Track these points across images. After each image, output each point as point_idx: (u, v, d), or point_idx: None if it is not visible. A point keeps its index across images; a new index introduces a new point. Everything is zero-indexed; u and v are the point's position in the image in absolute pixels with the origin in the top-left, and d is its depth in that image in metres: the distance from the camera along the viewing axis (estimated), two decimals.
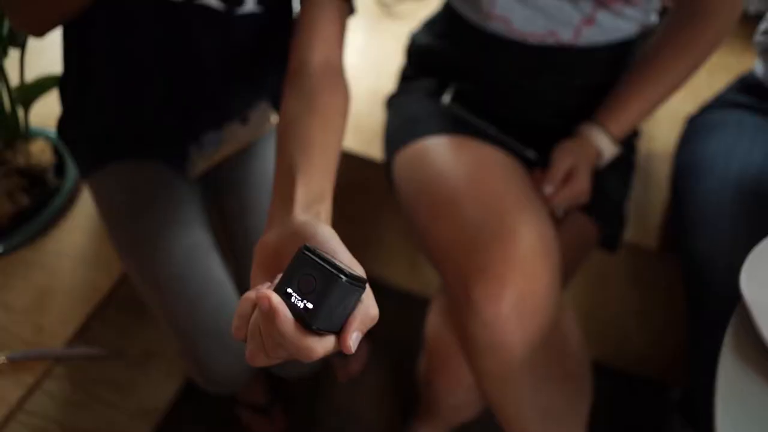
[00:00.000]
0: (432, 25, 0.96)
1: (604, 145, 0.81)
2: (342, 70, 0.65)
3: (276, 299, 0.32)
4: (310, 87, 0.58)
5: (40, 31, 0.64)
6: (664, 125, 1.19)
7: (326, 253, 0.36)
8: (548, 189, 0.77)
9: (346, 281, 0.33)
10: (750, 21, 1.64)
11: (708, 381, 0.53)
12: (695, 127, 0.98)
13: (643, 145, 1.16)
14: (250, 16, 0.73)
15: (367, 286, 0.35)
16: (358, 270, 0.37)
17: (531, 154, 0.84)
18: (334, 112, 0.58)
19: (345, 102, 0.61)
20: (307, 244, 0.35)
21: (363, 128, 1.11)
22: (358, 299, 0.35)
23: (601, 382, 0.90)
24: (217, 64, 0.78)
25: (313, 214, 0.44)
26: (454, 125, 0.83)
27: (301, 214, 0.43)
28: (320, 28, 0.63)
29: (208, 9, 0.70)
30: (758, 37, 0.83)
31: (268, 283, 0.38)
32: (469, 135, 0.81)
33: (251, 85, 0.85)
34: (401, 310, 1.24)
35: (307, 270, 0.33)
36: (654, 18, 0.85)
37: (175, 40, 0.74)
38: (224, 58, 0.78)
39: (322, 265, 0.33)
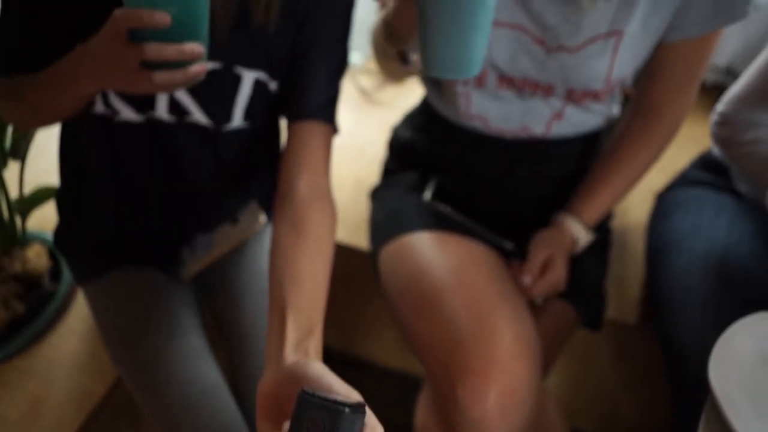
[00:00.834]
0: (412, 119, 1.03)
1: (579, 233, 0.86)
2: (329, 194, 0.70)
3: None
4: (298, 214, 0.63)
5: (28, 130, 0.69)
6: (636, 199, 1.25)
7: (323, 389, 0.39)
8: (526, 281, 0.82)
9: (349, 412, 0.36)
10: (709, 92, 1.75)
11: None
12: (663, 205, 1.04)
13: (618, 220, 1.22)
14: (238, 131, 0.77)
15: (367, 408, 0.39)
16: (355, 396, 0.40)
17: (509, 245, 0.89)
18: (323, 240, 0.62)
19: (332, 228, 0.66)
20: (305, 389, 0.38)
21: (348, 218, 1.15)
22: (362, 423, 0.38)
23: None
24: (207, 175, 0.82)
25: (302, 353, 0.47)
26: (436, 221, 0.88)
27: (291, 354, 0.47)
28: (307, 153, 0.68)
29: (197, 126, 0.75)
30: (711, 127, 0.90)
31: None
32: (450, 230, 0.86)
33: (240, 189, 0.90)
34: (393, 389, 1.24)
35: (311, 412, 0.37)
36: (616, 110, 0.92)
37: (166, 154, 0.78)
38: (214, 169, 0.82)
39: (324, 404, 0.37)
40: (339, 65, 0.74)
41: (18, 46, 0.68)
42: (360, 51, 1.69)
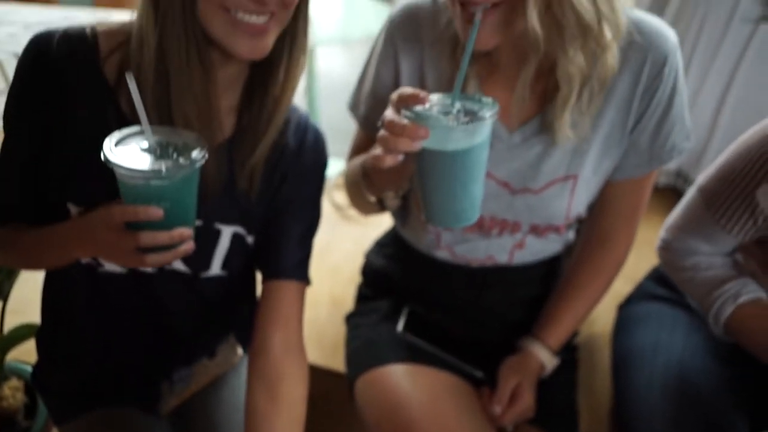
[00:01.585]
0: (384, 246, 1.10)
1: (545, 358, 0.91)
2: (302, 348, 0.74)
3: None
4: (273, 371, 0.67)
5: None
6: (601, 308, 1.29)
7: None
8: (496, 410, 0.85)
9: None
10: (663, 192, 1.87)
11: None
12: (624, 318, 1.10)
13: (585, 330, 1.27)
14: (216, 278, 0.82)
15: None
16: None
17: (479, 374, 0.93)
18: (297, 405, 0.66)
19: (305, 387, 0.70)
20: None
21: (325, 339, 1.18)
22: None
23: None
24: (186, 315, 0.86)
25: None
26: (409, 352, 0.92)
27: None
28: (281, 309, 0.73)
29: (177, 273, 0.80)
30: (657, 250, 0.98)
31: None
32: (423, 362, 0.90)
33: (218, 326, 0.93)
34: None
35: None
36: (572, 236, 1.00)
37: (148, 299, 0.82)
38: (193, 310, 0.86)
39: None
40: (312, 224, 0.81)
41: (12, 200, 0.72)
42: (335, 163, 1.79)
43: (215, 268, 0.80)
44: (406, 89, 0.60)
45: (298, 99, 0.78)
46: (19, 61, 0.67)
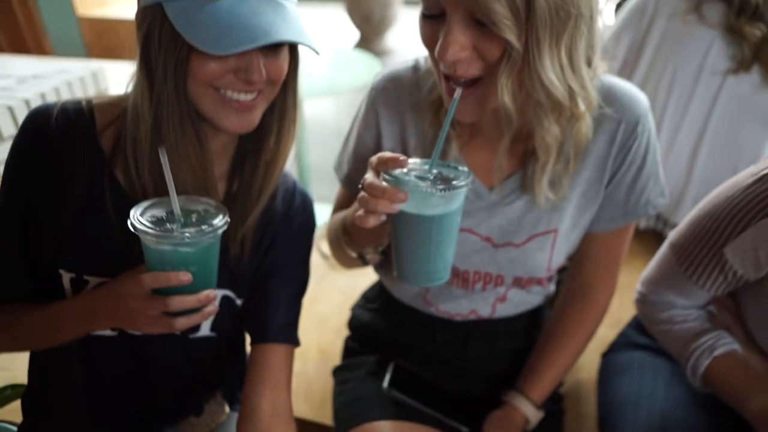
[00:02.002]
0: (369, 301, 1.12)
1: (529, 412, 0.92)
2: (290, 412, 0.75)
3: None
4: None
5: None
6: (587, 354, 1.31)
7: None
8: None
9: None
10: (644, 235, 1.91)
11: None
12: (607, 367, 1.12)
13: (571, 377, 1.28)
14: (205, 339, 0.83)
15: None
16: None
17: (465, 429, 0.94)
18: None
19: None
20: None
21: (314, 392, 1.18)
22: None
23: None
24: (175, 376, 0.86)
25: None
26: (395, 409, 0.93)
27: None
28: (269, 372, 0.75)
29: (166, 334, 0.81)
30: (634, 302, 1.01)
31: None
32: (409, 419, 0.91)
33: (206, 385, 0.94)
34: None
35: None
36: (553, 288, 1.02)
37: (136, 360, 0.83)
38: (181, 370, 0.87)
39: None
40: (300, 287, 0.83)
41: (7, 275, 0.73)
42: (324, 209, 1.81)
43: (204, 329, 0.81)
44: (386, 153, 0.63)
45: None
46: (17, 137, 0.70)
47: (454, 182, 0.60)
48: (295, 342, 0.81)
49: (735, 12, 1.55)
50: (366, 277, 1.15)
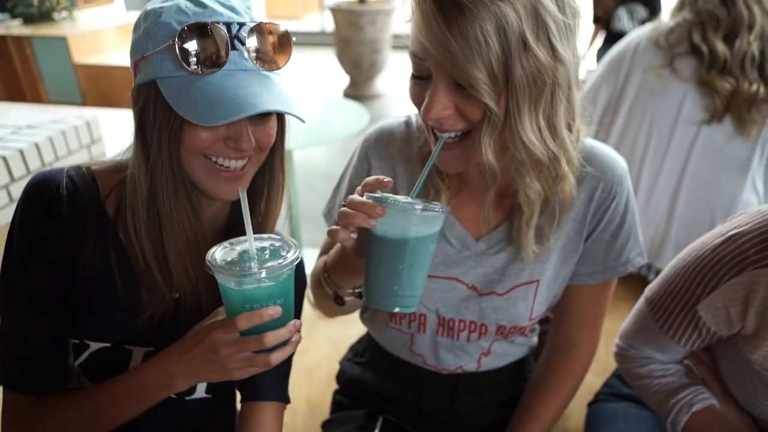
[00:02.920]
0: (358, 354, 1.13)
1: None
2: None
3: None
4: None
5: None
6: (576, 402, 1.32)
7: None
8: None
9: None
10: (628, 280, 1.94)
11: None
12: (593, 418, 1.13)
13: (560, 425, 1.28)
14: (200, 400, 0.84)
15: None
16: None
17: None
18: None
19: None
20: None
21: None
22: None
23: None
24: None
25: None
26: None
27: None
28: (259, 430, 0.75)
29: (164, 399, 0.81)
30: (614, 356, 1.03)
31: None
32: None
33: None
34: None
35: None
36: (536, 339, 1.05)
37: (131, 426, 0.83)
38: (176, 428, 0.87)
39: None
40: None
41: (43, 360, 0.72)
42: (313, 254, 1.82)
43: (200, 391, 0.82)
44: (371, 177, 0.67)
45: None
46: (23, 209, 0.71)
47: (431, 205, 0.62)
48: (285, 399, 0.82)
49: (706, 67, 1.62)
50: (355, 326, 1.16)
